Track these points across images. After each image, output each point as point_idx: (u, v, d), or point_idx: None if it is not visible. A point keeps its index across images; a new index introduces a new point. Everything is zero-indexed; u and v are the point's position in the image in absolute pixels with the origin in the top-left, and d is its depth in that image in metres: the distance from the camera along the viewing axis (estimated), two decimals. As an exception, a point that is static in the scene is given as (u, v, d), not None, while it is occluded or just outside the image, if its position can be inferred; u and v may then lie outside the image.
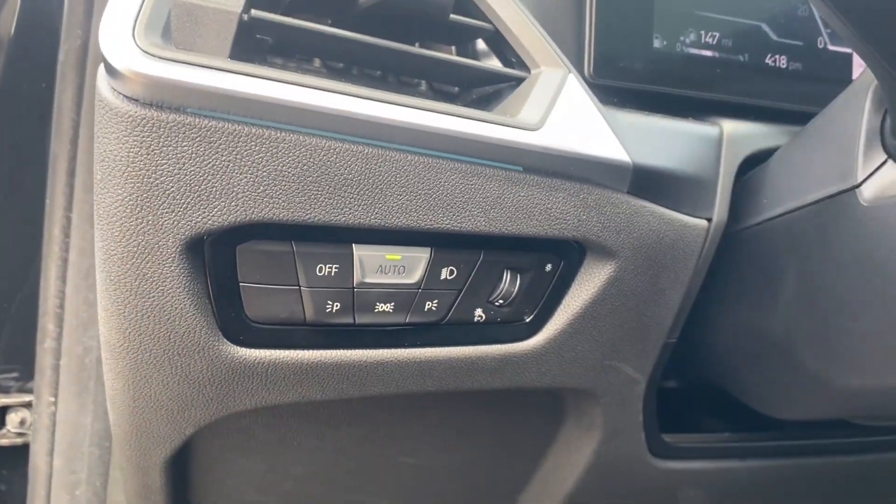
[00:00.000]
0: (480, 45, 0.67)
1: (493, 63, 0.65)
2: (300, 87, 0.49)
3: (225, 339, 0.55)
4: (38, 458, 0.97)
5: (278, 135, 0.49)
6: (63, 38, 0.85)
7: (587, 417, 0.77)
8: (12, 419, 1.01)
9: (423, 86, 0.65)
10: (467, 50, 0.68)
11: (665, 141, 0.66)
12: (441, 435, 0.77)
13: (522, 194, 0.58)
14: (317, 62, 0.61)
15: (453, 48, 0.68)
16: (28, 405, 1.01)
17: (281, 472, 0.74)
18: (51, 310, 0.90)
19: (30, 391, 0.99)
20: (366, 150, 0.52)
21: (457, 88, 0.67)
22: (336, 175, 0.51)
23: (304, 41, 0.56)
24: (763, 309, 0.70)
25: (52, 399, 0.94)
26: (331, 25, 0.57)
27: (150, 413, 0.58)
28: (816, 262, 0.63)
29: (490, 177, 0.57)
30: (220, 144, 0.48)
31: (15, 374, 1.04)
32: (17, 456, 1.02)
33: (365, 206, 0.53)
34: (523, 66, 0.62)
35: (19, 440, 1.02)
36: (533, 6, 0.65)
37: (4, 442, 1.02)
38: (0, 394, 1.02)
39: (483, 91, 0.65)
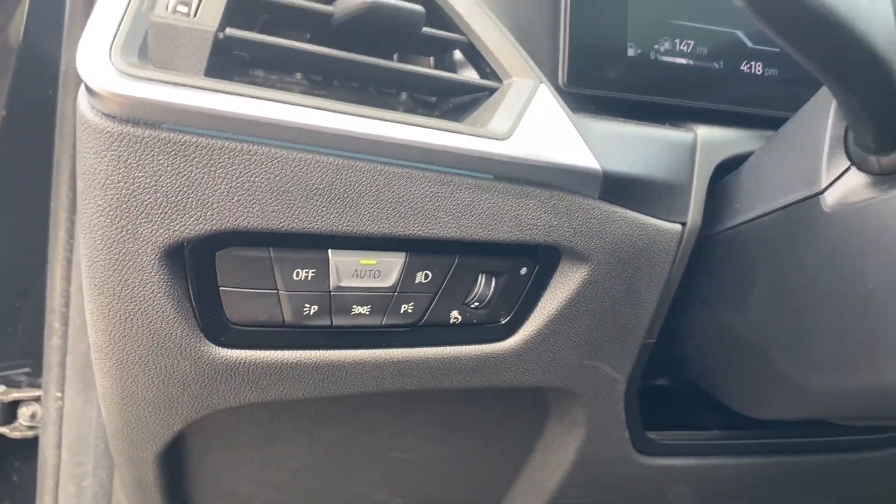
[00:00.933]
0: (459, 55, 0.69)
1: (471, 73, 0.67)
2: (270, 102, 0.51)
3: (207, 340, 0.58)
4: (46, 451, 1.01)
5: (250, 147, 0.51)
6: (64, 46, 0.88)
7: (569, 416, 0.78)
8: (24, 413, 1.05)
9: (403, 95, 0.67)
10: (445, 60, 0.70)
11: (638, 148, 0.67)
12: (427, 431, 0.79)
13: (493, 201, 0.60)
14: (298, 74, 0.63)
15: (431, 59, 0.70)
16: (39, 399, 1.04)
17: (275, 466, 0.76)
18: (57, 308, 0.94)
19: (40, 386, 1.03)
20: (336, 161, 0.54)
21: (434, 98, 0.68)
22: (307, 185, 0.53)
23: (280, 57, 0.58)
24: (736, 311, 0.71)
25: (59, 394, 0.97)
26: (309, 40, 0.59)
27: (138, 410, 0.61)
28: (784, 266, 0.64)
29: (460, 185, 0.58)
30: (195, 157, 0.50)
31: (27, 370, 1.08)
32: (29, 448, 1.06)
33: (337, 214, 0.55)
34: (496, 76, 0.63)
35: (30, 433, 1.06)
36: (508, 16, 0.66)
37: (16, 435, 1.05)
38: (12, 388, 1.06)
39: (460, 100, 0.67)
